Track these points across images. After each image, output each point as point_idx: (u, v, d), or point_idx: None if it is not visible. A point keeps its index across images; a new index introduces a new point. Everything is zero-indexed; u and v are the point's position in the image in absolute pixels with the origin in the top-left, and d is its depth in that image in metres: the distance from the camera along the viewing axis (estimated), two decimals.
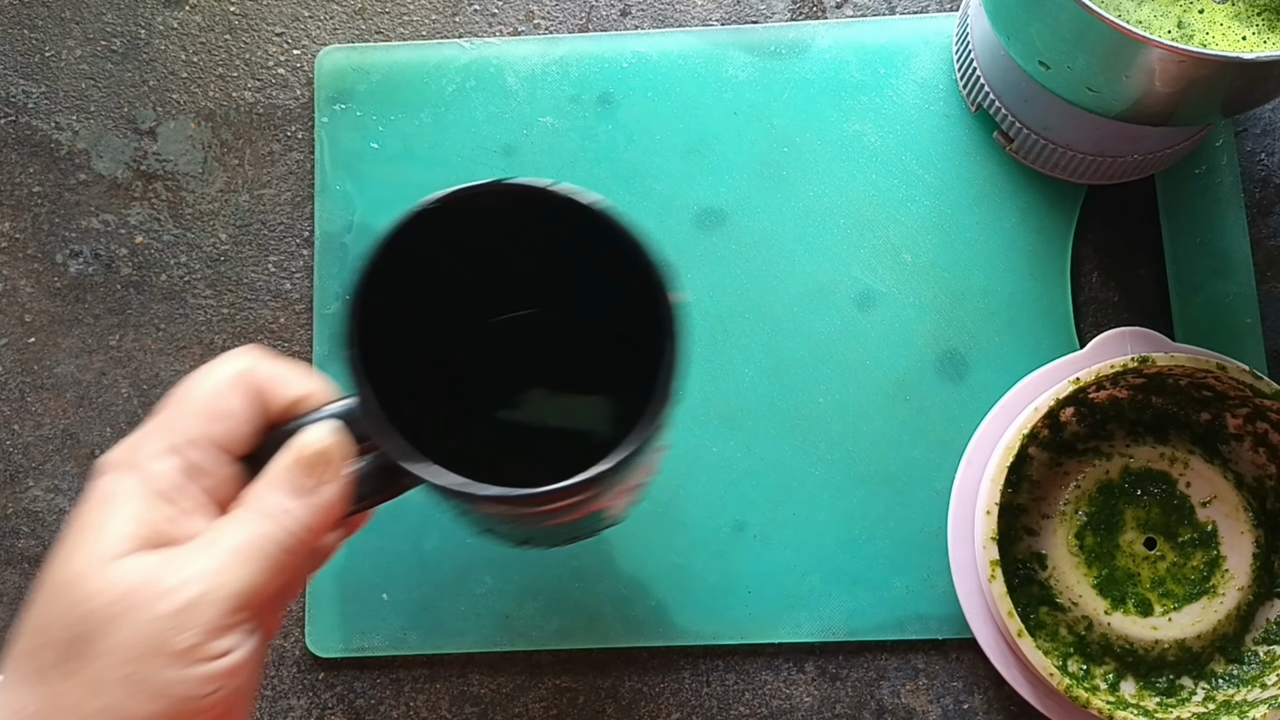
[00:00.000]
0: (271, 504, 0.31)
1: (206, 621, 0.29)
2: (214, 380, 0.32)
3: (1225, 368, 0.45)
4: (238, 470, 0.32)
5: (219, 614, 0.29)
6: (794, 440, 0.49)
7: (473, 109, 0.52)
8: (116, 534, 0.29)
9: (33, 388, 0.52)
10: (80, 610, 0.29)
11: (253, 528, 0.30)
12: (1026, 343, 0.50)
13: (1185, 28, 0.42)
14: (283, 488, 0.31)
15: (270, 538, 0.30)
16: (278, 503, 0.31)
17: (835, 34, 0.53)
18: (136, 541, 0.29)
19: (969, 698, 0.49)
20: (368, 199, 0.52)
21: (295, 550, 0.31)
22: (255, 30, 0.54)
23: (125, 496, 0.30)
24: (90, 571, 0.29)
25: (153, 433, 0.31)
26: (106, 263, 0.52)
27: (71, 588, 0.29)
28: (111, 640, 0.28)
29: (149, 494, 0.30)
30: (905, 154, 0.51)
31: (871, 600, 0.48)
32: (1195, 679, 0.46)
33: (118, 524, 0.30)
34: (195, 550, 0.30)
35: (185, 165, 0.53)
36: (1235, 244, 0.50)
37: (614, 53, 0.53)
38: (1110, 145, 0.48)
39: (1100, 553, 0.47)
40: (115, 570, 0.29)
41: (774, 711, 0.49)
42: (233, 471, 0.32)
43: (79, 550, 0.29)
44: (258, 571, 0.30)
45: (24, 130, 0.54)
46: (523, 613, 0.49)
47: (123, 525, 0.30)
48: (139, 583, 0.29)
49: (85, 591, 0.29)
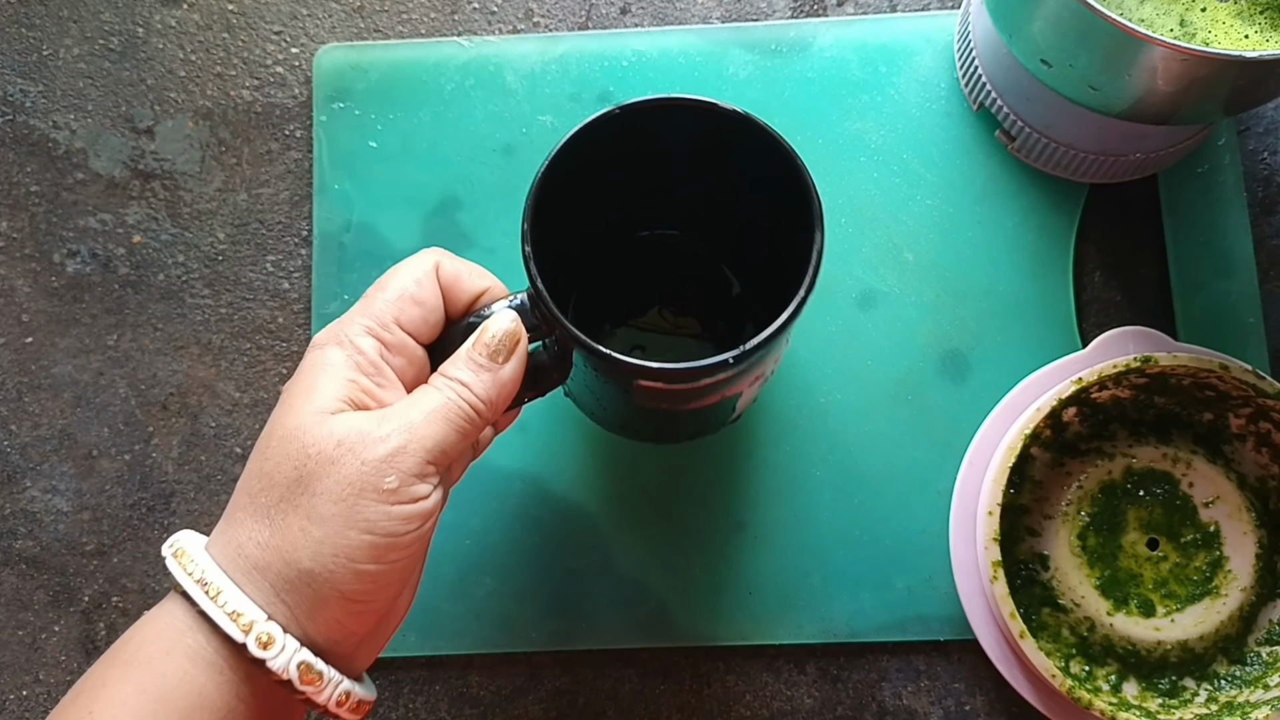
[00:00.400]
0: (462, 378, 0.36)
1: (408, 468, 0.34)
2: (409, 274, 0.37)
3: (1228, 367, 0.45)
4: (423, 354, 0.37)
5: (418, 463, 0.34)
6: (795, 440, 0.49)
7: (472, 108, 0.52)
8: (330, 394, 0.35)
9: (30, 388, 0.51)
10: (303, 456, 0.34)
11: (446, 395, 0.36)
12: (1029, 342, 0.50)
13: (1187, 26, 0.42)
14: (471, 365, 0.36)
15: (458, 406, 0.36)
16: (467, 377, 0.36)
17: (836, 32, 0.52)
18: (346, 403, 0.35)
19: (971, 699, 0.48)
20: (366, 198, 0.52)
21: (477, 419, 0.36)
22: (253, 29, 0.54)
23: (336, 365, 0.36)
24: (310, 424, 0.34)
25: (357, 316, 0.37)
26: (104, 262, 0.52)
27: (293, 438, 0.34)
28: (330, 480, 0.34)
29: (354, 365, 0.36)
30: (907, 153, 0.51)
31: (873, 601, 0.48)
32: (1198, 680, 0.46)
33: (331, 387, 0.35)
34: (399, 410, 0.35)
35: (183, 164, 0.53)
36: (1238, 243, 0.50)
37: (614, 51, 0.52)
38: (1112, 144, 0.48)
39: (1103, 553, 0.47)
40: (331, 423, 0.34)
41: (775, 713, 0.48)
42: (419, 355, 0.37)
43: (299, 408, 0.35)
44: (449, 432, 0.35)
45: (21, 129, 0.53)
46: (522, 614, 0.49)
47: (335, 388, 0.35)
48: (352, 434, 0.34)
49: (306, 441, 0.34)
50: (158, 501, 0.51)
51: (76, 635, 0.50)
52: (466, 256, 0.51)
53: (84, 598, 0.50)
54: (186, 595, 0.34)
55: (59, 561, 0.50)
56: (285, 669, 0.33)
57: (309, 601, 0.34)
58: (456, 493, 0.50)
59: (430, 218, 0.51)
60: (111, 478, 0.51)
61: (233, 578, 0.34)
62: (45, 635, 0.50)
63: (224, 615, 0.33)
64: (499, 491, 0.49)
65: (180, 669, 0.33)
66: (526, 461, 0.50)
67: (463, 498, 0.49)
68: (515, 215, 0.51)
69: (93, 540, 0.51)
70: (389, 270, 0.38)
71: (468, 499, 0.49)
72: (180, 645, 0.34)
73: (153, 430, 0.51)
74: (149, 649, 0.34)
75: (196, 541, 0.35)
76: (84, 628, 0.50)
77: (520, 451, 0.50)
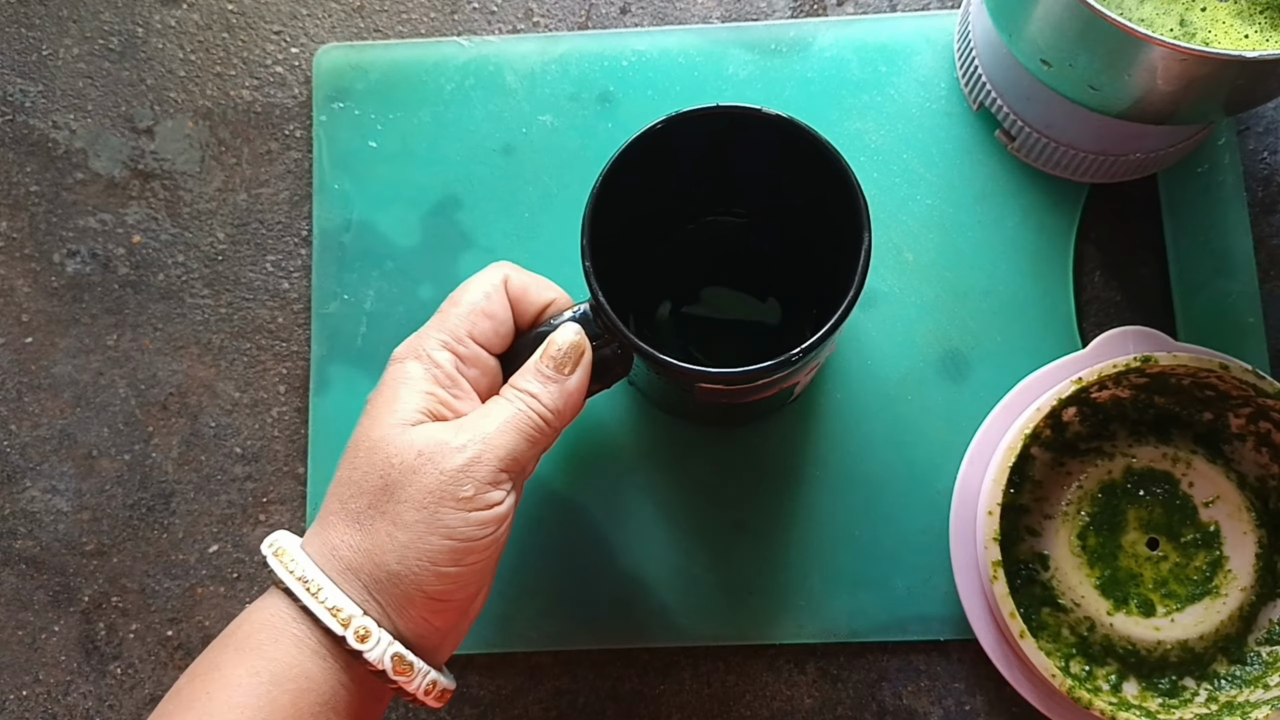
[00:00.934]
0: (531, 389, 0.38)
1: (483, 477, 0.37)
2: (480, 288, 0.40)
3: (1228, 367, 0.45)
4: (495, 365, 0.40)
5: (491, 471, 0.37)
6: (795, 440, 0.49)
7: (472, 107, 0.52)
8: (410, 407, 0.38)
9: (30, 388, 0.51)
10: (387, 466, 0.37)
11: (516, 407, 0.38)
12: (1028, 342, 0.49)
13: (1187, 26, 0.42)
14: (539, 377, 0.39)
15: (528, 416, 0.38)
16: (535, 388, 0.38)
17: (836, 32, 0.52)
18: (425, 414, 0.38)
19: (971, 699, 0.48)
20: (366, 198, 0.52)
21: (546, 428, 0.38)
22: (253, 28, 0.54)
23: (415, 378, 0.38)
24: (392, 436, 0.37)
25: (433, 330, 0.39)
26: (104, 262, 0.52)
27: (378, 449, 0.37)
28: (412, 489, 0.36)
29: (432, 379, 0.38)
30: (906, 153, 0.51)
31: (873, 601, 0.48)
32: (1198, 680, 0.46)
33: (411, 399, 0.38)
34: (474, 421, 0.38)
35: (183, 164, 0.53)
36: (1238, 243, 0.50)
37: (614, 51, 0.52)
38: (1112, 144, 0.48)
39: (1103, 553, 0.47)
40: (412, 435, 0.37)
41: (775, 713, 0.48)
42: (492, 365, 0.40)
43: (381, 419, 0.38)
44: (519, 441, 0.38)
45: (21, 129, 0.53)
46: (522, 613, 0.49)
47: (415, 400, 0.38)
48: (431, 444, 0.37)
49: (389, 451, 0.37)
50: (158, 501, 0.51)
51: (76, 635, 0.50)
52: (467, 257, 0.51)
53: (84, 598, 0.50)
54: (288, 591, 0.37)
55: (59, 561, 0.50)
56: (380, 660, 0.36)
57: (397, 600, 0.37)
58: None
59: (430, 217, 0.51)
60: (111, 478, 0.51)
61: (330, 576, 0.37)
62: (45, 635, 0.50)
63: (324, 610, 0.36)
64: None
65: (289, 654, 0.36)
66: None
67: None
68: (515, 215, 0.51)
69: (93, 540, 0.51)
70: (461, 285, 0.40)
71: None
72: (287, 634, 0.36)
73: (153, 430, 0.51)
74: (258, 636, 0.37)
75: (293, 542, 0.38)
76: (84, 628, 0.50)
77: None
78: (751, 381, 0.39)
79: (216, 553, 0.50)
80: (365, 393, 0.50)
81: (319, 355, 0.51)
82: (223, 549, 0.50)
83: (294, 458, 0.51)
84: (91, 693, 0.50)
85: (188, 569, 0.50)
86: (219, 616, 0.50)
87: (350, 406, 0.50)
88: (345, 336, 0.51)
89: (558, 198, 0.51)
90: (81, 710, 0.50)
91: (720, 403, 0.44)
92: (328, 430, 0.50)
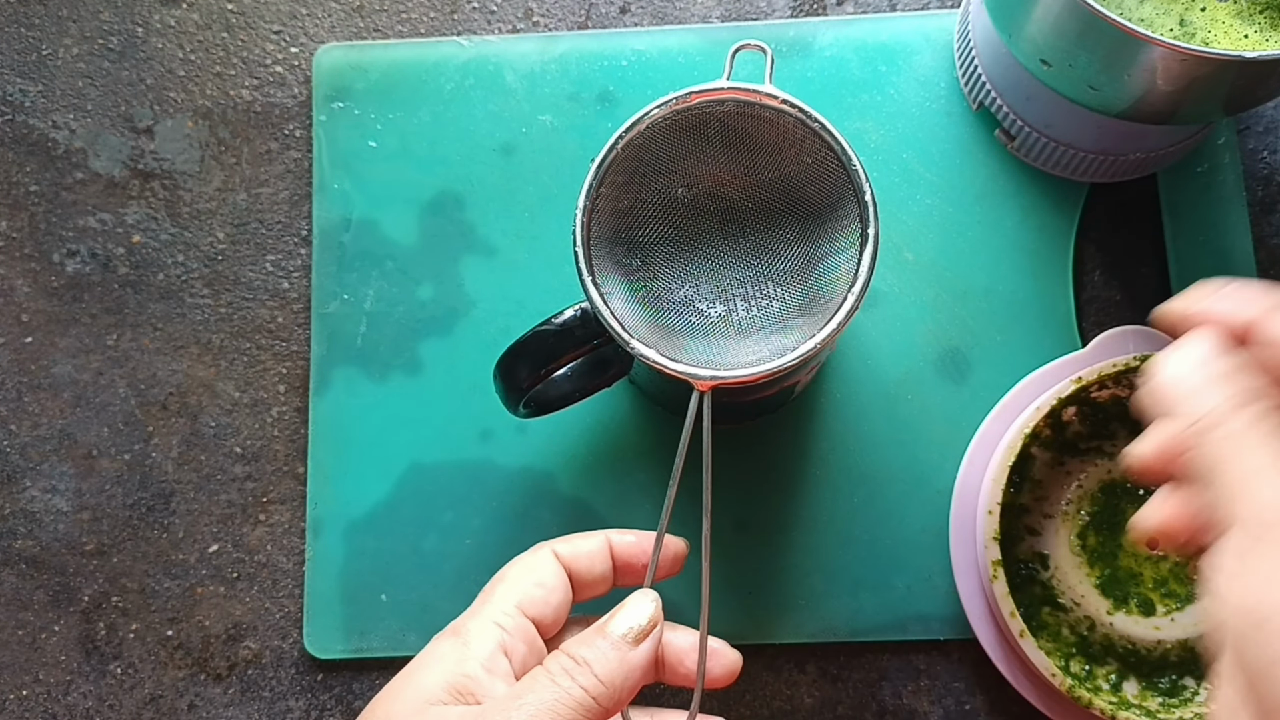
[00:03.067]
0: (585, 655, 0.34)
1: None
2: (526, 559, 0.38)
3: None
4: (542, 645, 0.37)
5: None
6: (795, 440, 0.49)
7: (471, 107, 0.52)
8: (434, 684, 0.35)
9: (30, 388, 0.51)
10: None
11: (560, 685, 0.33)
12: (1028, 341, 0.50)
13: (1187, 26, 0.42)
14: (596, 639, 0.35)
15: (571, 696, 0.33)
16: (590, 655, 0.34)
17: (836, 31, 0.52)
18: (451, 693, 0.34)
19: (971, 699, 0.48)
20: (366, 197, 0.52)
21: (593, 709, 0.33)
22: (253, 28, 0.54)
23: (446, 656, 0.36)
24: (409, 712, 0.34)
25: (475, 605, 0.37)
26: (104, 262, 0.52)
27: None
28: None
29: (466, 658, 0.35)
30: (906, 152, 0.51)
31: (873, 601, 0.48)
32: (1198, 679, 0.46)
33: (436, 676, 0.35)
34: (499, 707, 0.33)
35: (183, 164, 0.53)
36: (1238, 242, 0.50)
37: (614, 50, 0.52)
38: (1112, 143, 0.48)
39: (1103, 552, 0.47)
40: (430, 714, 0.34)
41: (775, 713, 0.48)
42: (539, 646, 0.37)
43: (402, 694, 0.35)
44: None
45: (21, 129, 0.53)
46: None
47: (440, 677, 0.35)
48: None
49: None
50: (158, 501, 0.51)
51: (76, 635, 0.50)
52: (467, 257, 0.51)
53: (84, 598, 0.50)
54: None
55: (59, 561, 0.50)
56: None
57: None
58: (457, 492, 0.50)
59: (430, 217, 0.51)
60: (111, 478, 0.51)
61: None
62: (45, 635, 0.50)
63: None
64: (499, 491, 0.49)
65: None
66: (527, 461, 0.50)
67: (463, 497, 0.49)
68: (515, 215, 0.51)
69: (93, 540, 0.51)
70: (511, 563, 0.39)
71: (468, 499, 0.49)
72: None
73: (152, 430, 0.51)
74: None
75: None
76: (84, 628, 0.50)
77: (520, 451, 0.50)
78: (750, 383, 0.39)
79: (216, 552, 0.50)
80: (365, 392, 0.50)
81: (319, 355, 0.51)
82: (223, 549, 0.50)
83: (294, 457, 0.51)
84: (92, 692, 0.50)
85: (188, 569, 0.50)
86: (219, 616, 0.50)
87: (350, 406, 0.50)
88: (345, 336, 0.51)
89: (558, 198, 0.51)
90: (81, 710, 0.50)
91: (722, 401, 0.44)
92: (328, 430, 0.50)
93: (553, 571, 0.37)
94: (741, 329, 0.41)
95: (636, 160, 0.40)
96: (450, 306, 0.51)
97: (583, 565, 0.38)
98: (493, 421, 0.50)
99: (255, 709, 0.49)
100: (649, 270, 0.42)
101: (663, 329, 0.40)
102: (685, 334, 0.41)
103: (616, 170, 0.39)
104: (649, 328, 0.40)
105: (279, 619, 0.50)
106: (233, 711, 0.49)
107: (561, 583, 0.38)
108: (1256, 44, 0.41)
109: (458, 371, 0.50)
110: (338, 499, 0.50)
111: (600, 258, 0.39)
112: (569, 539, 0.39)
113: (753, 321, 0.41)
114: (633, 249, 0.41)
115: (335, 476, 0.50)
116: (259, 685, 0.50)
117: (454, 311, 0.51)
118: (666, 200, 0.42)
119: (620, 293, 0.40)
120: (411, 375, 0.50)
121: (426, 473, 0.50)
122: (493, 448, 0.50)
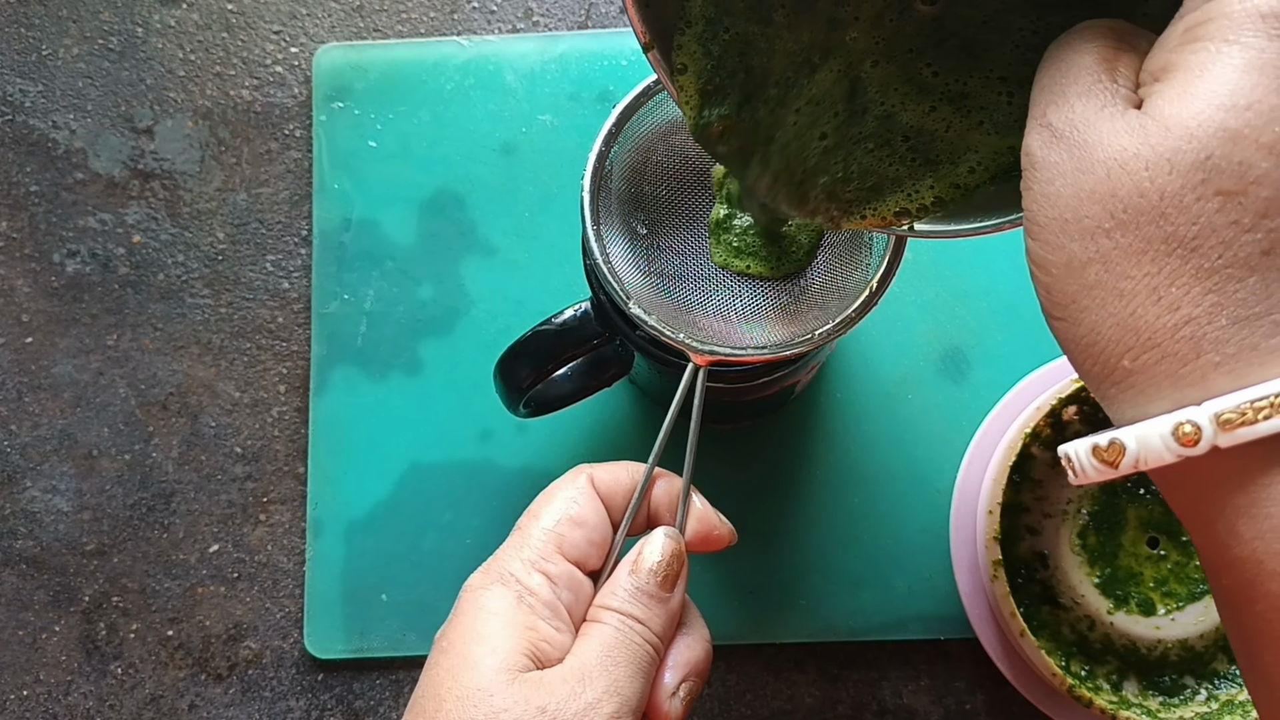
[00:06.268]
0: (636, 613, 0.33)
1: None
2: (565, 494, 0.35)
3: None
4: (589, 586, 0.35)
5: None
6: (794, 440, 0.49)
7: (471, 107, 0.52)
8: (512, 648, 0.32)
9: (30, 388, 0.51)
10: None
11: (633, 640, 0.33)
12: (1029, 341, 0.49)
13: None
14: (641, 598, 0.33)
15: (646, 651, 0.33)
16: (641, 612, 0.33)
17: None
18: (531, 657, 0.32)
19: (971, 698, 0.48)
20: (366, 197, 0.52)
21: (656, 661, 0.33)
22: (253, 28, 0.54)
23: (506, 611, 0.32)
24: (496, 687, 0.31)
25: (513, 550, 0.34)
26: (104, 262, 0.52)
27: (479, 701, 0.31)
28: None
29: (528, 609, 0.33)
30: None
31: (873, 600, 0.48)
32: (1198, 679, 0.46)
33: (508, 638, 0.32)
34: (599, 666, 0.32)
35: (183, 164, 0.53)
36: None
37: (613, 50, 0.52)
38: None
39: (1103, 552, 0.47)
40: (526, 688, 0.31)
41: (775, 712, 0.48)
42: (587, 588, 0.34)
43: (479, 663, 0.32)
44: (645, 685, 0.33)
45: (21, 129, 0.53)
46: None
47: (513, 639, 0.32)
48: (554, 703, 0.31)
49: (495, 706, 0.31)
50: (158, 501, 0.51)
51: (76, 635, 0.50)
52: (467, 257, 0.51)
53: (84, 598, 0.50)
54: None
55: (59, 561, 0.50)
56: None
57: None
58: (456, 492, 0.50)
59: (430, 217, 0.51)
60: (111, 478, 0.51)
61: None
62: (45, 635, 0.50)
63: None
64: (499, 491, 0.49)
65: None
66: (527, 461, 0.50)
67: (463, 497, 0.49)
68: (515, 215, 0.51)
69: (93, 540, 0.51)
70: (538, 497, 0.35)
71: (467, 499, 0.49)
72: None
73: (153, 430, 0.51)
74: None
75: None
76: (84, 628, 0.50)
77: (520, 451, 0.50)
78: (750, 381, 0.39)
79: (217, 552, 0.50)
80: (365, 392, 0.50)
81: (319, 355, 0.51)
82: (223, 549, 0.50)
83: (294, 457, 0.51)
84: (92, 693, 0.50)
85: (188, 569, 0.50)
86: (219, 616, 0.50)
87: (350, 406, 0.50)
88: (345, 336, 0.51)
89: (558, 197, 0.51)
90: (82, 710, 0.50)
91: (723, 400, 0.44)
92: (328, 430, 0.50)
93: (592, 509, 0.35)
94: (745, 316, 0.41)
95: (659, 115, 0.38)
96: (450, 306, 0.51)
97: (620, 504, 0.36)
98: (493, 421, 0.50)
99: (256, 709, 0.49)
100: (655, 240, 0.41)
101: (664, 304, 0.39)
102: (685, 311, 0.40)
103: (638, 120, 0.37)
104: (650, 296, 0.38)
105: (279, 619, 0.50)
106: (233, 711, 0.49)
107: (600, 520, 0.35)
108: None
109: (458, 371, 0.50)
110: (338, 499, 0.50)
111: (608, 216, 0.37)
112: (608, 467, 0.36)
113: (757, 310, 0.41)
114: (640, 210, 0.40)
115: (335, 476, 0.50)
116: (259, 685, 0.50)
117: (454, 311, 0.51)
118: (682, 163, 0.40)
119: (624, 255, 0.38)
120: (411, 375, 0.50)
121: (426, 473, 0.50)
122: (493, 448, 0.50)
